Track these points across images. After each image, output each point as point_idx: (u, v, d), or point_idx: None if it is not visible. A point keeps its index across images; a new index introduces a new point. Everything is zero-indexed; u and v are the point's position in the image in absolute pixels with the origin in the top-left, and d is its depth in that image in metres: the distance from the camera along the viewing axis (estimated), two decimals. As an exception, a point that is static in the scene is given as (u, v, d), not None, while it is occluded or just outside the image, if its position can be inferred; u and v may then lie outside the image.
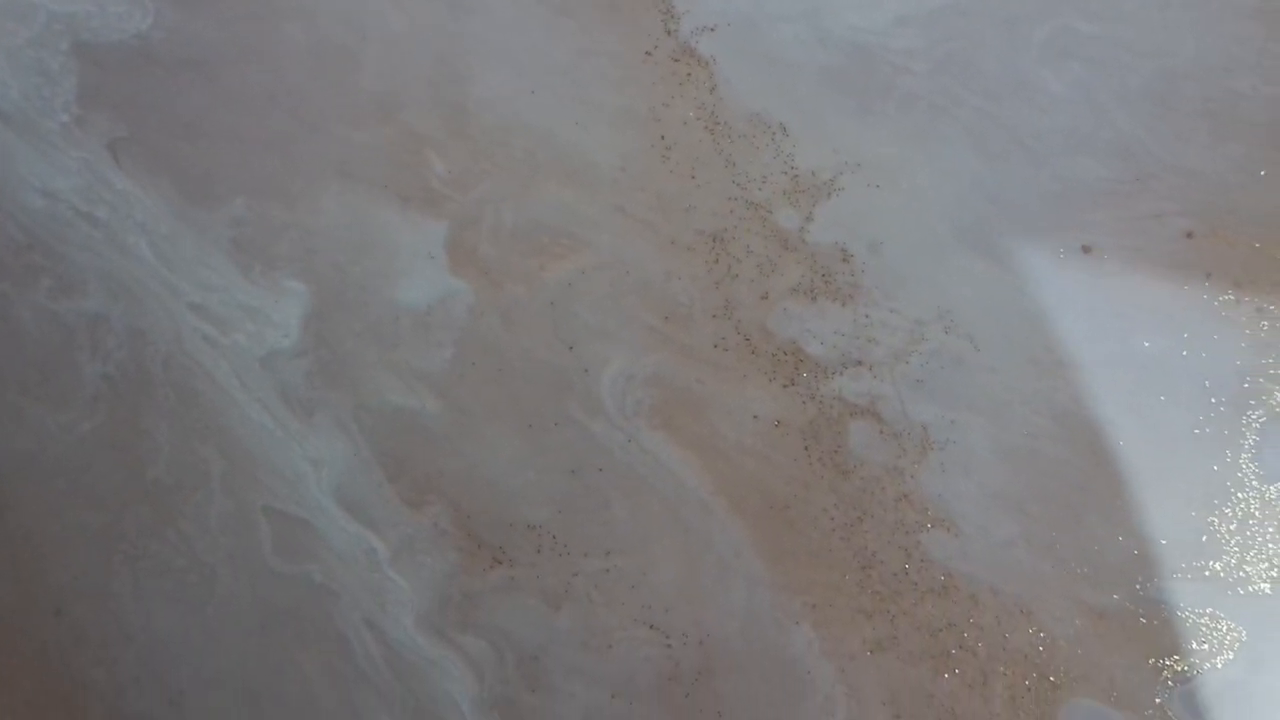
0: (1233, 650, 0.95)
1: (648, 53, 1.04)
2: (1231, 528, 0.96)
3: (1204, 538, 0.96)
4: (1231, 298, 0.99)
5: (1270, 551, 0.96)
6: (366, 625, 0.98)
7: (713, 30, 1.04)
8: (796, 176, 0.99)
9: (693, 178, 1.00)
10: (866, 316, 1.00)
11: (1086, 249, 1.02)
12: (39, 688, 1.00)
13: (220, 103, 1.05)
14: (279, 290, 1.04)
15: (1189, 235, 1.02)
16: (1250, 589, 0.96)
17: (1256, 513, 0.96)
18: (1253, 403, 0.96)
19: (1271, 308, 0.98)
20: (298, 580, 1.00)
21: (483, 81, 1.04)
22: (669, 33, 1.04)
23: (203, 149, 1.02)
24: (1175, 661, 0.95)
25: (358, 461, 1.00)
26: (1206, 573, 0.96)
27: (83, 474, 1.01)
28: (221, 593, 0.99)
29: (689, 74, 1.04)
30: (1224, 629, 0.96)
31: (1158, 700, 0.95)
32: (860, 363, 0.99)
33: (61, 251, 1.04)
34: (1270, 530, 0.96)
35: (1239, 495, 0.97)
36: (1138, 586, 0.96)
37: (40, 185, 1.00)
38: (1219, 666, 0.96)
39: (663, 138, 1.02)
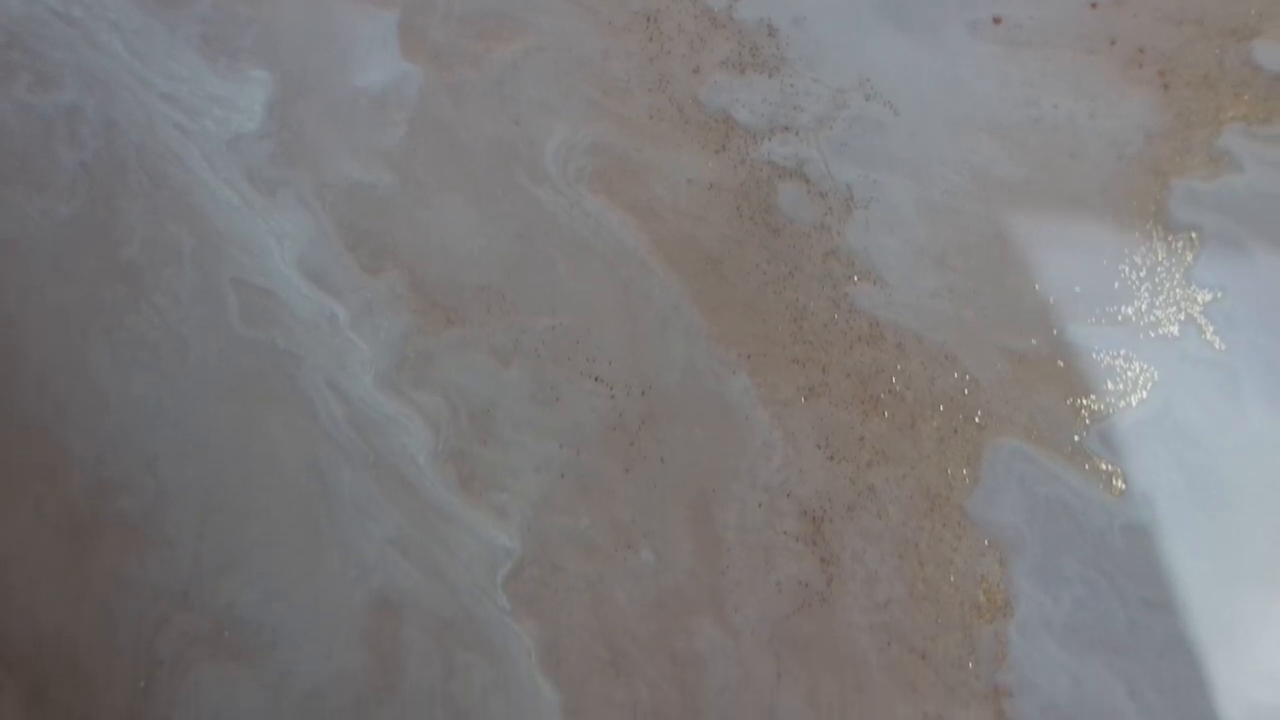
0: (1145, 389, 0.85)
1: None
2: (1141, 274, 0.86)
3: (1115, 285, 0.86)
4: (1135, 63, 0.86)
5: (1178, 296, 0.85)
6: (328, 386, 0.87)
7: None
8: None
9: None
10: (792, 86, 0.89)
11: (997, 20, 0.91)
12: (22, 459, 0.89)
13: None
14: (244, 79, 0.93)
15: (1093, 5, 0.89)
16: (1160, 332, 0.85)
17: (1164, 261, 0.84)
18: (1156, 159, 0.83)
19: (1172, 71, 0.85)
20: (263, 346, 0.89)
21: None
22: None
23: None
24: (1091, 401, 0.85)
25: (318, 234, 0.89)
26: (1119, 318, 0.85)
27: (61, 255, 0.89)
28: (193, 360, 0.88)
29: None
30: (1136, 370, 0.85)
31: (1076, 438, 0.84)
32: (787, 129, 0.87)
33: (39, 49, 0.93)
34: (1177, 276, 0.85)
35: (1146, 246, 0.85)
36: (1054, 332, 0.85)
37: None
38: (1133, 405, 0.85)
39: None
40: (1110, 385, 0.92)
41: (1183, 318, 0.91)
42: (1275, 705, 0.88)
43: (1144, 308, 0.92)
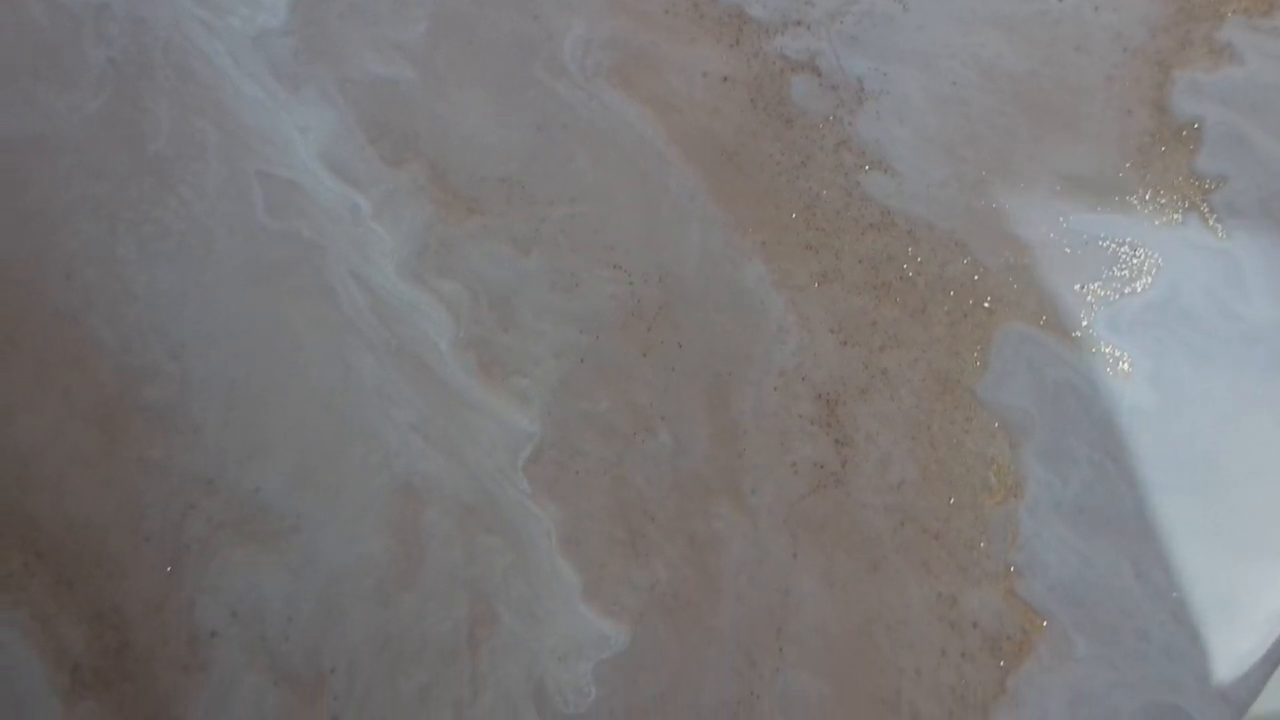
0: (1150, 276, 0.81)
1: None
2: (1145, 165, 0.82)
3: (1120, 175, 0.82)
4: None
5: (1181, 185, 0.83)
6: (352, 275, 0.83)
7: None
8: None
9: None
10: (805, -18, 0.84)
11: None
12: (50, 350, 0.84)
13: None
14: (268, -21, 0.87)
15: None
16: (1164, 220, 0.82)
17: (1167, 151, 0.80)
18: (1159, 52, 0.79)
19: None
20: (288, 237, 0.85)
21: None
22: None
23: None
24: (1098, 288, 0.81)
25: (342, 127, 0.85)
26: (1124, 207, 0.82)
27: (89, 150, 0.85)
28: (219, 252, 0.84)
29: None
30: (1141, 257, 0.82)
31: (1083, 323, 0.81)
32: (799, 23, 0.84)
33: (68, -49, 0.87)
34: (1181, 166, 0.81)
35: (1150, 136, 0.80)
36: (1061, 220, 0.82)
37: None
38: (1138, 291, 0.81)
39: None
40: (1116, 272, 0.88)
41: (1186, 206, 0.88)
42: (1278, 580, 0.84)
43: (1148, 197, 0.88)
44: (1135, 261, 0.89)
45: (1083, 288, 0.89)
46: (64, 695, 0.88)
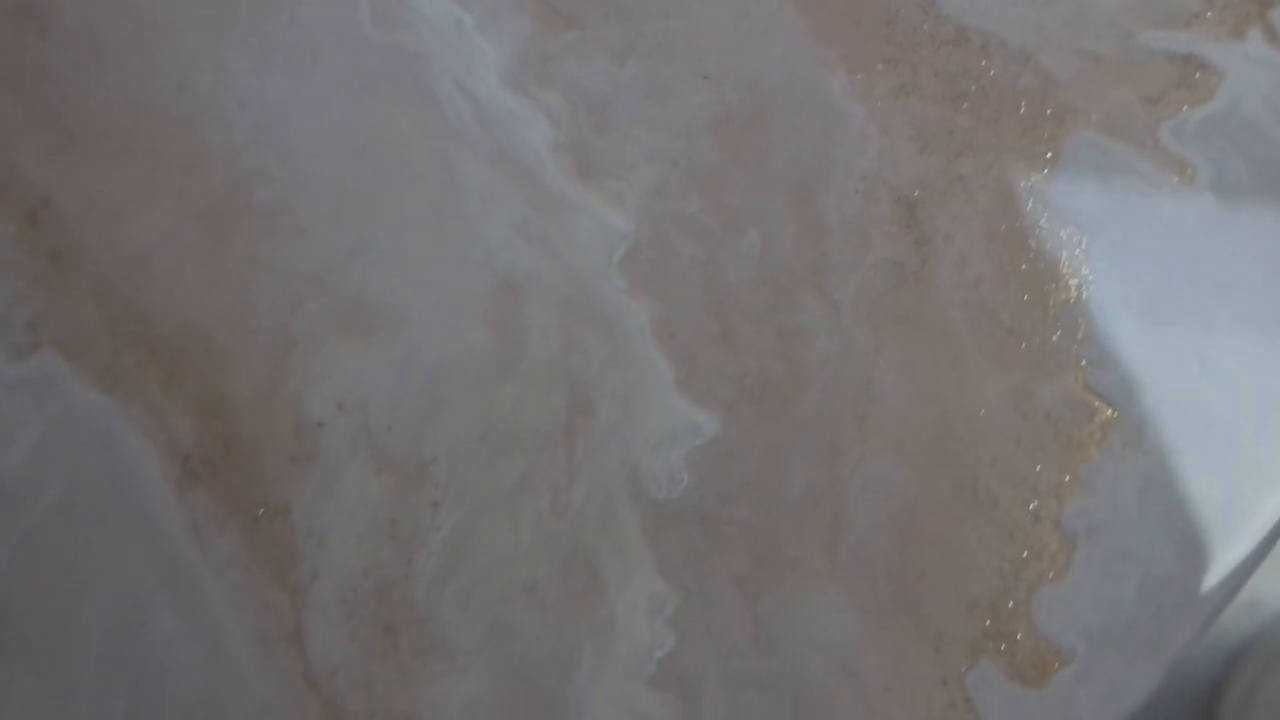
0: (1214, 88, 0.76)
1: None
2: None
3: None
4: None
5: (1244, 2, 0.74)
6: (455, 85, 0.79)
7: None
8: None
9: None
10: None
11: None
12: (163, 155, 0.81)
13: None
14: None
15: None
16: (1230, 35, 0.80)
17: None
18: None
19: None
20: (393, 48, 0.81)
21: None
22: None
23: None
24: (1163, 99, 0.76)
25: (445, -54, 0.79)
26: (1191, 23, 0.78)
27: (203, -32, 0.79)
28: (326, 62, 0.80)
29: None
30: (1206, 71, 0.76)
31: (1149, 132, 0.77)
32: None
33: None
34: None
35: None
36: (1127, 35, 0.78)
37: None
38: (1202, 103, 0.78)
39: None
40: (1180, 84, 0.83)
41: (1250, 23, 0.83)
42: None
43: (1212, 15, 0.84)
44: (1199, 76, 0.85)
45: (1148, 99, 0.85)
46: (175, 484, 0.84)
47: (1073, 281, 0.88)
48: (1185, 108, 0.86)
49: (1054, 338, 0.87)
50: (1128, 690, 0.86)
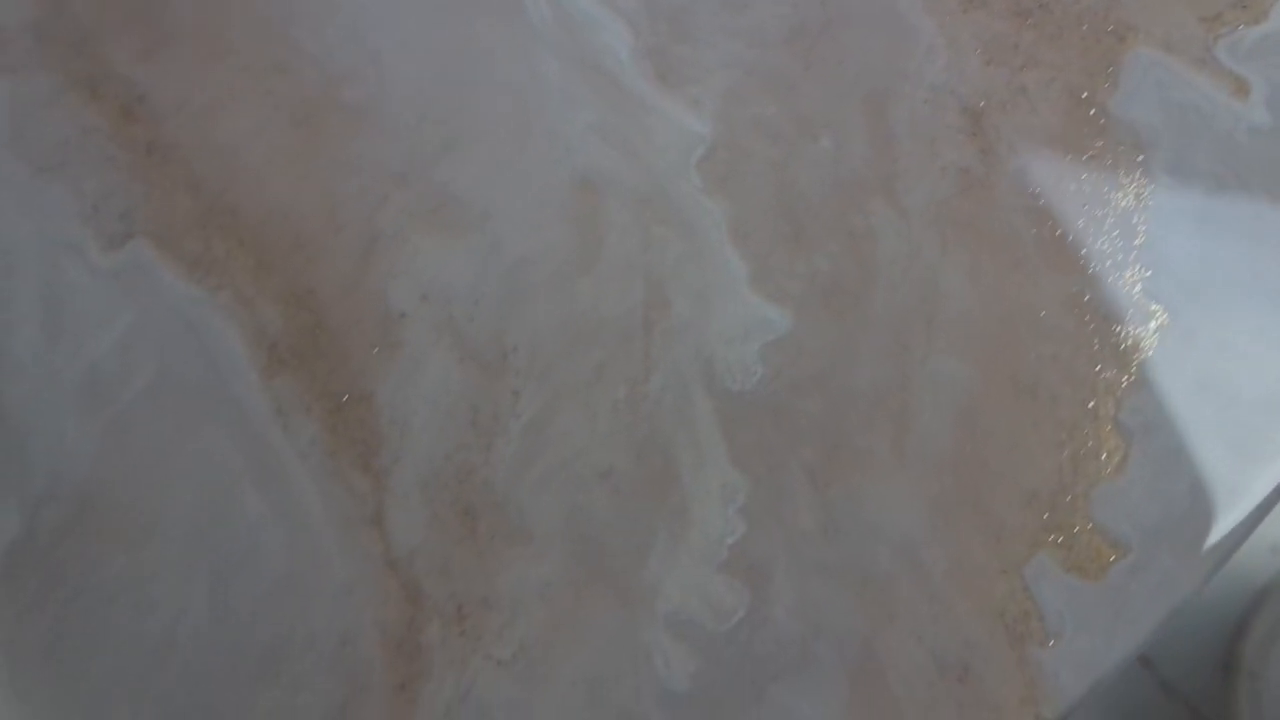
0: (1269, 8, 0.75)
1: None
2: None
3: None
4: None
5: None
6: None
7: None
8: None
9: None
10: None
11: None
12: (255, 56, 0.84)
13: None
14: None
15: None
16: None
17: None
18: None
19: None
20: None
21: None
22: None
23: None
24: (1221, 18, 0.79)
25: None
26: None
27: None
28: None
29: None
30: None
31: (1207, 50, 0.79)
32: None
33: None
34: None
35: None
36: None
37: None
38: (1258, 23, 0.77)
39: None
40: (1236, 4, 0.85)
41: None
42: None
43: (1262, -60, 0.84)
44: (1253, -3, 0.85)
45: (1206, 17, 0.85)
46: (262, 370, 0.83)
47: (1130, 191, 0.88)
48: (1241, 26, 0.86)
49: (1111, 244, 0.87)
50: (1178, 583, 0.85)
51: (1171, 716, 1.64)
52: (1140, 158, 0.89)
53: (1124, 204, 0.90)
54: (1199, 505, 0.87)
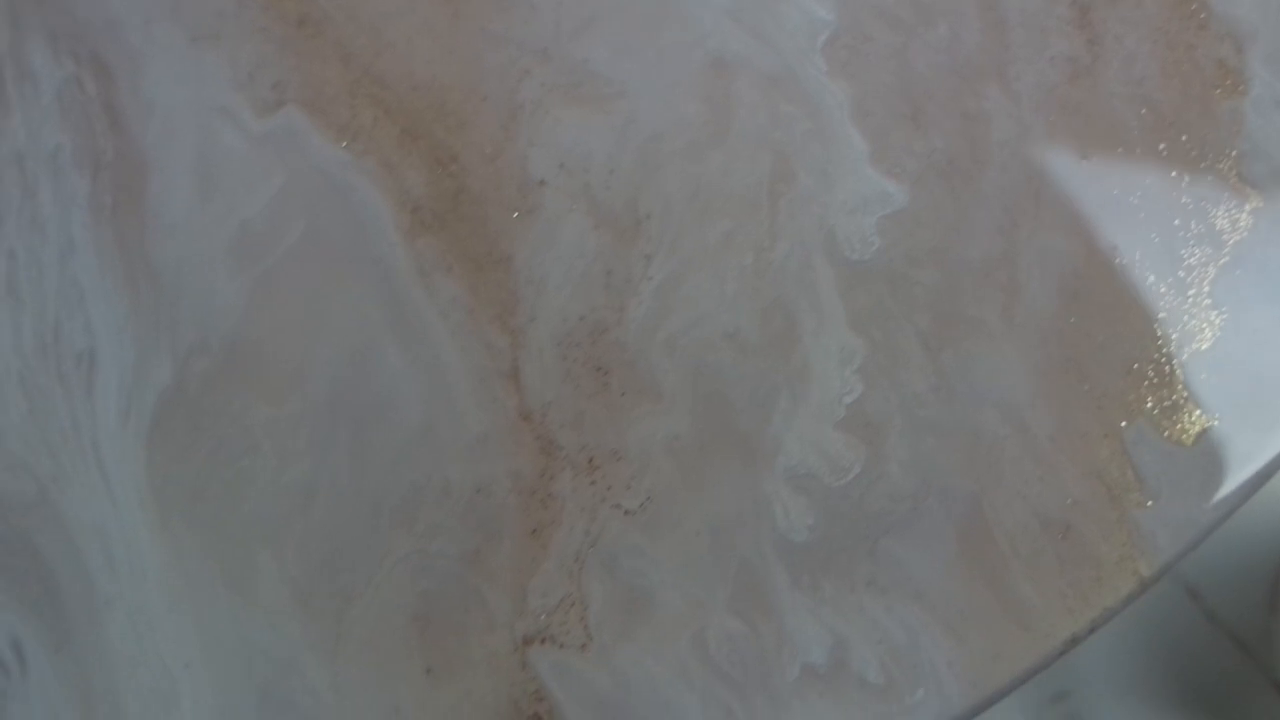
0: None
1: None
2: None
3: None
4: None
5: None
6: None
7: None
8: None
9: None
10: None
11: None
12: None
13: None
14: None
15: None
16: None
17: None
18: None
19: None
20: None
21: None
22: None
23: None
24: None
25: None
26: None
27: None
28: None
29: None
30: None
31: None
32: None
33: None
34: None
35: None
36: None
37: None
38: None
39: None
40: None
41: None
42: None
43: None
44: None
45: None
46: (405, 232, 0.87)
47: (1230, 81, 0.93)
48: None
49: (1211, 131, 0.92)
50: (1262, 453, 0.91)
51: (1216, 647, 1.70)
52: (1240, 50, 0.94)
53: (1223, 93, 0.95)
54: (1286, 380, 0.92)
